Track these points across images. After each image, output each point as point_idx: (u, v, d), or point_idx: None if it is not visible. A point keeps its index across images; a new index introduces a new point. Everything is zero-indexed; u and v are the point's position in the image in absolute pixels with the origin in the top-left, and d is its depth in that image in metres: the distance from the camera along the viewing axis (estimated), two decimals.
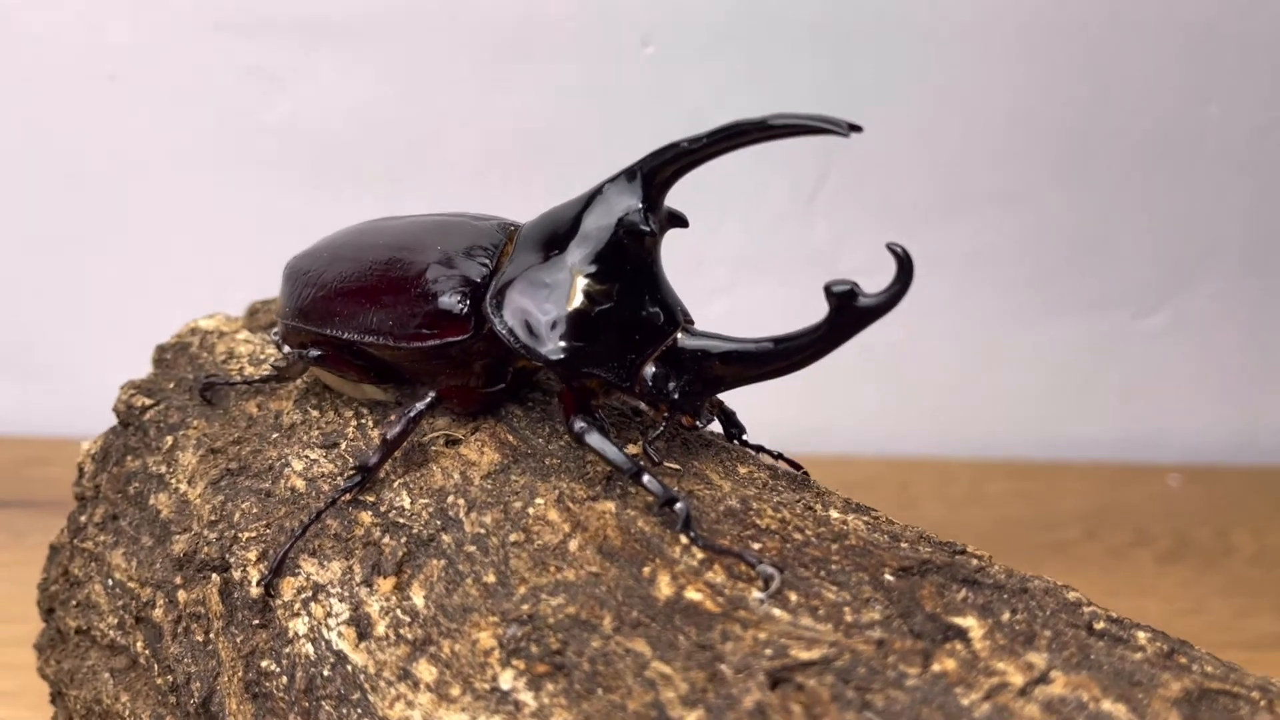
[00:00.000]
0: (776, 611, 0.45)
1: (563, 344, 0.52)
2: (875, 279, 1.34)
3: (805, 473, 0.62)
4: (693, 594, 0.46)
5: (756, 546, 0.49)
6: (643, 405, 0.56)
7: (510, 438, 0.56)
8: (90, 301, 1.23)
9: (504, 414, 0.58)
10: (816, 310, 1.39)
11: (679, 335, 0.53)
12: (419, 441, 0.56)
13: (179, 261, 1.20)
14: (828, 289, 0.49)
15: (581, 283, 0.52)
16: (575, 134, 1.16)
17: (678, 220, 0.55)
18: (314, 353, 0.57)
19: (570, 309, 0.52)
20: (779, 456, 0.63)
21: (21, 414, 1.26)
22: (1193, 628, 1.03)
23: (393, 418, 0.54)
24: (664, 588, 0.47)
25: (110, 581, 0.62)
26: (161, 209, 1.18)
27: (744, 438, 0.61)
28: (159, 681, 0.58)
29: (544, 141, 1.16)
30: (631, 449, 0.55)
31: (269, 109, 1.13)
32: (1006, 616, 0.46)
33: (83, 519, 0.66)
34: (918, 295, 1.23)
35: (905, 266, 0.49)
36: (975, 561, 0.50)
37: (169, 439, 0.63)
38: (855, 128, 0.48)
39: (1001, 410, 1.28)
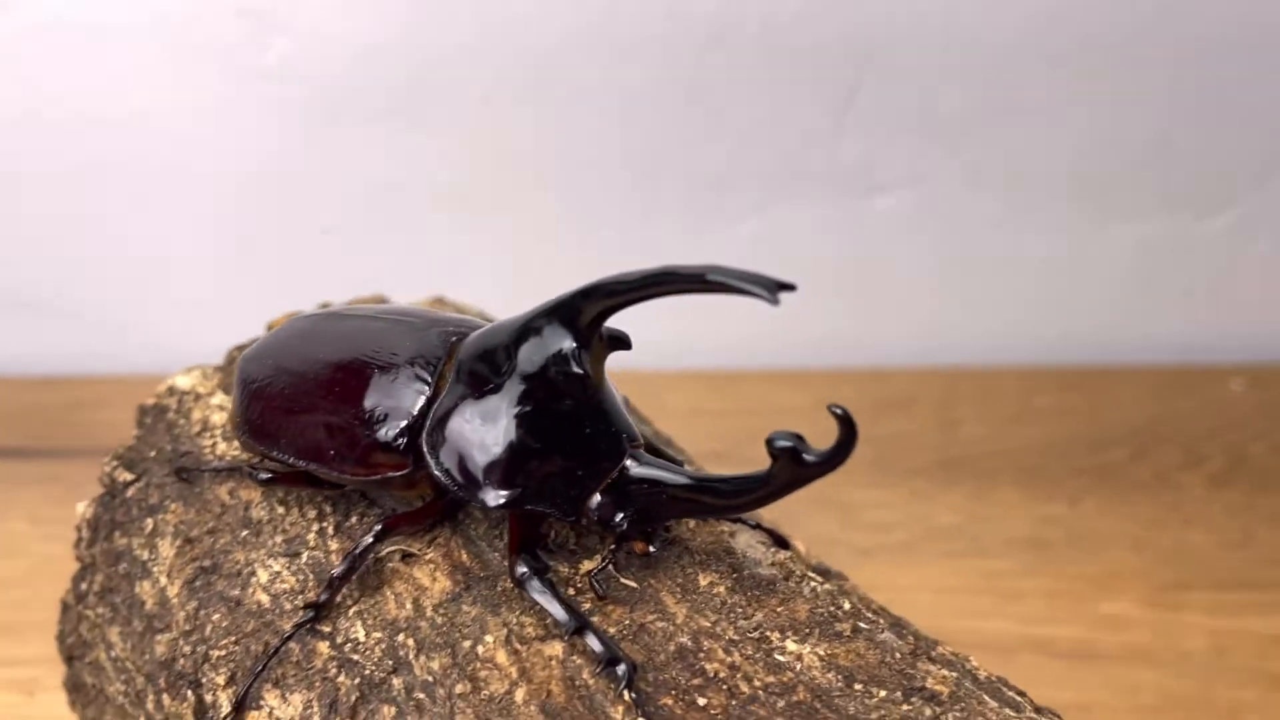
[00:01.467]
0: None
1: (501, 491, 0.50)
2: (915, 192, 1.26)
3: (787, 544, 0.60)
4: None
5: (701, 703, 0.48)
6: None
7: (464, 555, 0.55)
8: (131, 243, 1.23)
9: (461, 519, 0.57)
10: (850, 232, 1.34)
11: (626, 464, 0.51)
12: (375, 558, 0.56)
13: (197, 206, 1.19)
14: (769, 443, 0.46)
15: (517, 423, 0.50)
16: (584, 59, 1.09)
17: (619, 343, 0.52)
18: (263, 475, 0.56)
19: (506, 452, 0.50)
20: (757, 527, 0.61)
21: (75, 354, 1.29)
22: (1238, 563, 1.01)
23: (343, 545, 0.53)
24: None
25: (112, 654, 0.64)
26: (172, 157, 1.16)
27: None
28: None
29: (551, 66, 1.10)
30: (587, 565, 0.54)
31: (263, 51, 1.08)
32: None
33: (83, 586, 0.67)
34: (963, 208, 1.16)
35: (847, 426, 0.45)
36: (929, 711, 0.48)
37: (150, 521, 0.64)
38: (786, 286, 0.43)
39: (1054, 318, 1.23)
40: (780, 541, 0.60)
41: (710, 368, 1.23)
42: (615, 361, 1.06)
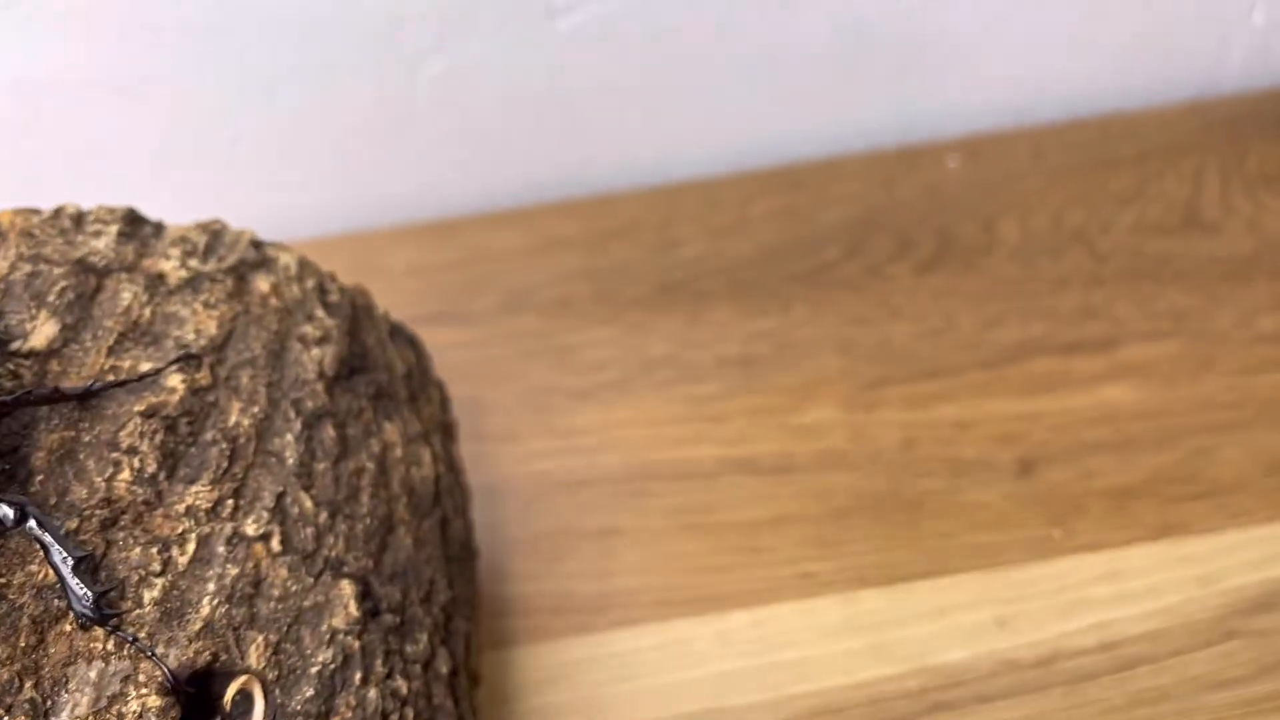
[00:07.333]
0: None
1: None
2: (597, 6, 1.15)
3: None
4: None
5: None
6: None
7: None
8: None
9: None
10: (538, 60, 1.46)
11: None
12: None
13: None
14: None
15: None
16: None
17: None
18: None
19: None
20: None
21: None
22: (935, 351, 1.03)
23: None
24: None
25: None
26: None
27: None
28: None
29: None
30: None
31: None
32: None
33: None
34: (647, 17, 1.09)
35: None
36: None
37: None
38: None
39: (765, 115, 1.19)
40: None
41: (426, 219, 1.20)
42: (331, 226, 1.05)
